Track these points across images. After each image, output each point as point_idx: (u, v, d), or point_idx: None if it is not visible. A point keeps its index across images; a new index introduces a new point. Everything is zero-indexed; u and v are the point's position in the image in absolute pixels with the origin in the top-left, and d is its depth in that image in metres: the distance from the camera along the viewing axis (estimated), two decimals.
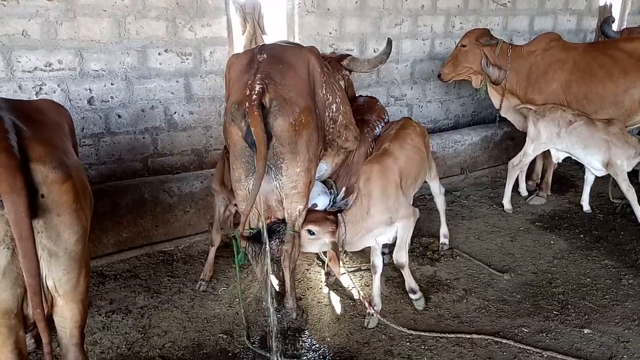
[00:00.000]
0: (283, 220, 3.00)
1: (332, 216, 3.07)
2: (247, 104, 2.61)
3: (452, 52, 5.37)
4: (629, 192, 4.59)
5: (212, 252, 3.72)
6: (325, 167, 3.36)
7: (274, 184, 2.87)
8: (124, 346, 3.09)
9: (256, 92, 2.62)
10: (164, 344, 3.12)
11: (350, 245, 3.16)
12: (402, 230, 3.28)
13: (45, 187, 1.73)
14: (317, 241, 3.01)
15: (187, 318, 3.37)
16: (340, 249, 3.00)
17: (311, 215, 3.06)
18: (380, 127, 3.73)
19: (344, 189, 3.43)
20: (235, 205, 3.31)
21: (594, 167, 4.75)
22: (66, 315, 1.90)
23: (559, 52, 5.00)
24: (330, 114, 3.09)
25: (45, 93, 4.04)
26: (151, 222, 4.18)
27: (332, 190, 3.42)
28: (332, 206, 3.27)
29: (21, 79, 3.94)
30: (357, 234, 3.10)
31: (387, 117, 3.93)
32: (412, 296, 3.51)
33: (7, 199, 1.60)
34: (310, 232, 2.98)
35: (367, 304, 3.31)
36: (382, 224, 3.19)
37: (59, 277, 1.82)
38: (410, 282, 3.50)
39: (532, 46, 5.14)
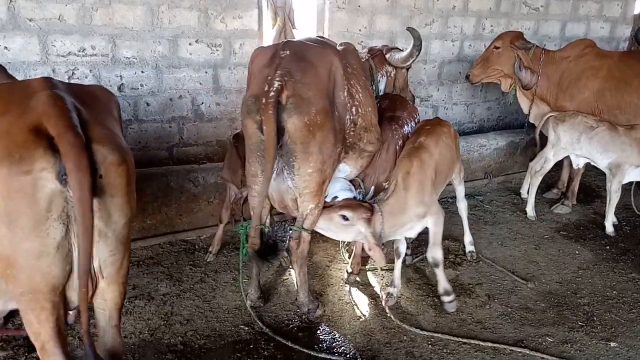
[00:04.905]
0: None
1: (367, 204, 3.03)
2: (263, 100, 2.60)
3: (483, 54, 5.29)
4: (615, 194, 4.60)
5: (221, 228, 4.00)
6: (348, 169, 3.30)
7: (288, 183, 2.84)
8: (146, 332, 3.12)
9: (274, 89, 2.61)
10: (185, 332, 3.13)
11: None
12: (434, 226, 3.27)
13: (103, 168, 1.74)
14: (351, 228, 2.93)
15: (208, 308, 3.39)
16: (379, 240, 2.96)
17: (345, 201, 3.01)
18: (410, 125, 3.69)
19: (373, 187, 3.40)
20: (243, 189, 3.52)
21: (600, 165, 4.71)
22: (107, 297, 1.92)
23: (593, 59, 4.90)
24: (351, 117, 3.04)
25: (77, 78, 4.09)
26: (175, 210, 4.20)
27: (360, 190, 3.39)
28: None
29: (55, 62, 3.99)
30: (394, 226, 3.08)
31: (418, 116, 3.88)
32: (445, 298, 3.43)
33: (73, 177, 1.60)
34: (344, 218, 2.90)
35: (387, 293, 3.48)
36: (415, 218, 3.18)
37: (104, 258, 1.84)
38: (444, 283, 3.43)
39: (566, 52, 5.05)
